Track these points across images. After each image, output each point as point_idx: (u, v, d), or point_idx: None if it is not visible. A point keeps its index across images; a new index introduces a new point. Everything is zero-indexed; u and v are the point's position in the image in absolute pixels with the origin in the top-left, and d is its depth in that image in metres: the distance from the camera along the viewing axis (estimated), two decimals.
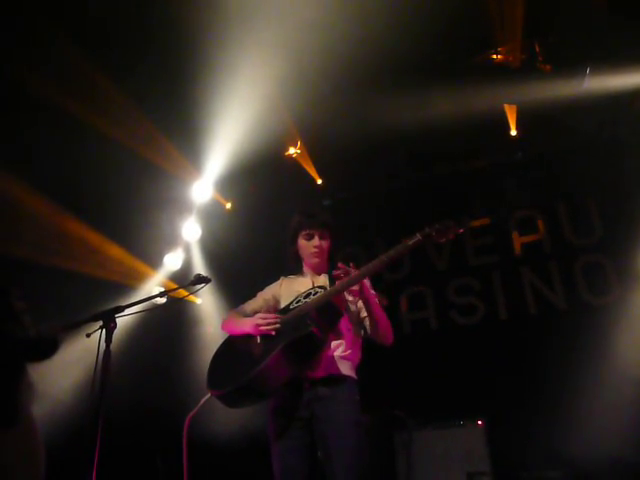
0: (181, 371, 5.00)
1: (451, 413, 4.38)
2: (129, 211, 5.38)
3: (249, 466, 4.07)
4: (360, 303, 2.61)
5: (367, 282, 2.53)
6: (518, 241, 5.56)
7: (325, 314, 2.38)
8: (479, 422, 4.23)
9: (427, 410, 4.49)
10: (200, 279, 2.81)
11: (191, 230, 5.88)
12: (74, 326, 2.40)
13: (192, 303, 5.81)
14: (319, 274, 2.74)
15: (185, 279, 5.64)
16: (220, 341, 2.75)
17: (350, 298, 2.60)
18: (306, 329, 2.31)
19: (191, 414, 2.46)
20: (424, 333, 5.52)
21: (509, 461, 4.12)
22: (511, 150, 5.57)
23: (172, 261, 5.80)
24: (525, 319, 5.20)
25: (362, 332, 2.66)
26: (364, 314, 2.60)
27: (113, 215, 5.38)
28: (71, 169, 5.05)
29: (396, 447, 4.26)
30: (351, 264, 2.47)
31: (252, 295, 2.90)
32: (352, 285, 2.44)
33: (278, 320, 2.44)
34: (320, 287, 2.53)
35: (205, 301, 5.80)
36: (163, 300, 4.19)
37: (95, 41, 4.48)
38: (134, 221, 5.41)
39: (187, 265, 5.94)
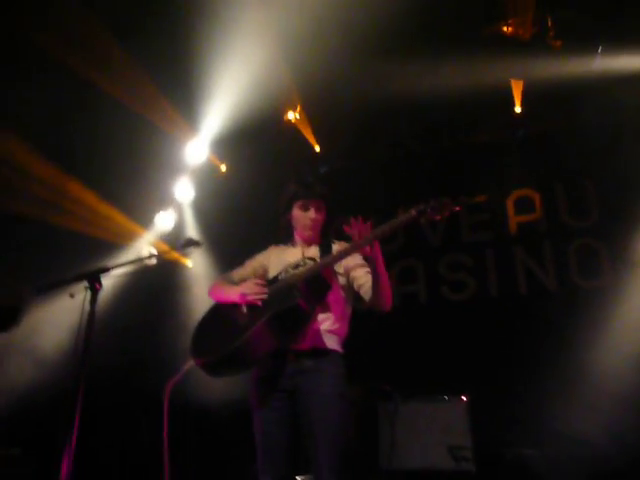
0: (168, 333, 4.98)
1: (436, 387, 4.40)
2: (122, 168, 5.29)
3: (231, 434, 4.10)
4: (353, 273, 2.56)
5: (359, 257, 2.47)
6: (514, 220, 5.51)
7: (313, 286, 2.34)
8: (463, 398, 4.26)
9: (413, 383, 4.50)
10: (190, 242, 2.77)
11: (184, 190, 5.80)
12: (58, 285, 2.35)
13: (183, 265, 5.77)
14: (310, 245, 2.69)
15: (176, 240, 5.61)
16: (207, 305, 2.72)
17: (341, 271, 2.56)
18: (293, 301, 2.27)
19: (173, 380, 2.44)
20: (413, 307, 5.52)
21: (490, 437, 4.16)
22: (514, 127, 5.47)
23: (163, 221, 5.74)
24: (515, 298, 5.19)
25: (351, 306, 2.62)
26: (359, 282, 2.53)
27: (105, 171, 5.29)
28: (66, 123, 4.96)
29: (380, 418, 4.29)
30: (369, 222, 2.34)
31: (242, 260, 2.86)
32: (342, 258, 2.39)
33: (265, 290, 2.39)
34: (310, 259, 2.48)
35: (196, 263, 5.76)
36: (153, 261, 4.14)
37: None
38: (126, 178, 5.33)
39: (179, 226, 5.88)
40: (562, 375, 4.30)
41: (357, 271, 2.54)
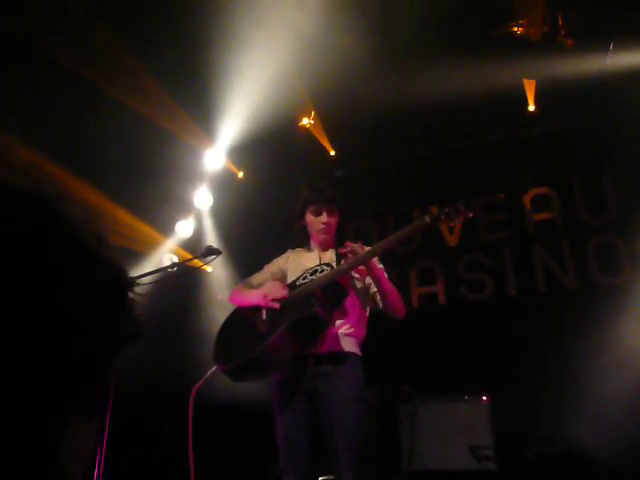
0: (190, 338, 5.08)
1: (456, 388, 4.43)
2: (143, 178, 5.40)
3: (256, 436, 4.17)
4: (368, 279, 2.62)
5: (375, 260, 2.53)
6: (531, 218, 5.50)
7: (330, 294, 2.40)
8: (483, 397, 4.28)
9: (433, 384, 4.53)
10: (211, 251, 2.84)
11: (203, 198, 5.90)
12: None
13: (203, 271, 5.86)
14: (326, 249, 2.75)
15: (196, 247, 5.71)
16: (228, 311, 2.79)
17: (357, 275, 2.62)
18: (310, 309, 2.33)
19: (197, 386, 2.52)
20: (432, 308, 5.54)
21: (511, 437, 4.17)
22: (528, 125, 5.47)
23: (184, 229, 5.84)
24: (534, 297, 5.19)
25: (368, 308, 2.68)
26: (374, 289, 2.61)
27: (126, 181, 5.40)
28: (87, 136, 5.07)
29: (401, 419, 4.33)
30: (359, 242, 2.47)
31: (261, 265, 2.93)
32: (359, 265, 2.45)
33: (286, 292, 2.46)
34: (327, 264, 2.55)
35: (215, 269, 5.85)
36: (174, 269, 4.23)
37: (113, 7, 4.44)
38: (147, 188, 5.44)
39: (198, 233, 5.98)
40: (583, 373, 4.29)
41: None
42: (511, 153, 5.50)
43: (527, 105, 5.09)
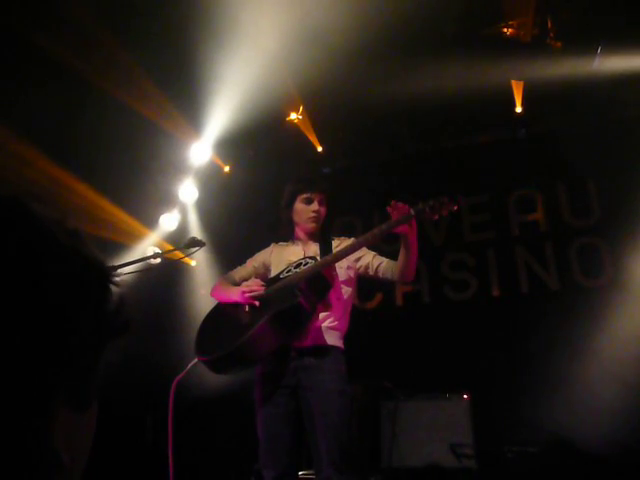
0: (172, 331, 5.03)
1: (438, 385, 4.43)
2: (127, 170, 5.34)
3: (236, 430, 4.14)
4: (361, 263, 2.62)
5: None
6: (515, 219, 5.54)
7: (314, 285, 2.39)
8: (465, 396, 4.29)
9: (415, 381, 4.54)
10: (194, 242, 2.82)
11: (188, 192, 5.85)
12: None
13: (187, 265, 5.82)
14: (311, 241, 2.73)
15: (180, 240, 5.65)
16: (211, 305, 2.77)
17: (343, 265, 2.61)
18: (293, 300, 2.32)
19: (178, 377, 2.48)
20: (416, 306, 5.55)
21: (491, 435, 4.19)
22: (515, 127, 5.50)
23: (168, 222, 5.78)
24: (517, 297, 5.22)
25: (352, 301, 2.67)
26: (374, 267, 2.60)
27: (110, 173, 5.34)
28: (70, 126, 5.00)
29: (382, 416, 4.33)
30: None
31: (244, 259, 2.91)
32: (343, 257, 2.44)
33: (262, 290, 2.44)
34: (311, 257, 2.53)
35: (199, 263, 5.81)
36: (157, 261, 4.19)
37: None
38: (132, 180, 5.38)
39: (183, 227, 5.92)
40: (563, 374, 4.33)
41: (364, 259, 2.61)
42: (497, 154, 5.53)
43: (514, 106, 5.12)
